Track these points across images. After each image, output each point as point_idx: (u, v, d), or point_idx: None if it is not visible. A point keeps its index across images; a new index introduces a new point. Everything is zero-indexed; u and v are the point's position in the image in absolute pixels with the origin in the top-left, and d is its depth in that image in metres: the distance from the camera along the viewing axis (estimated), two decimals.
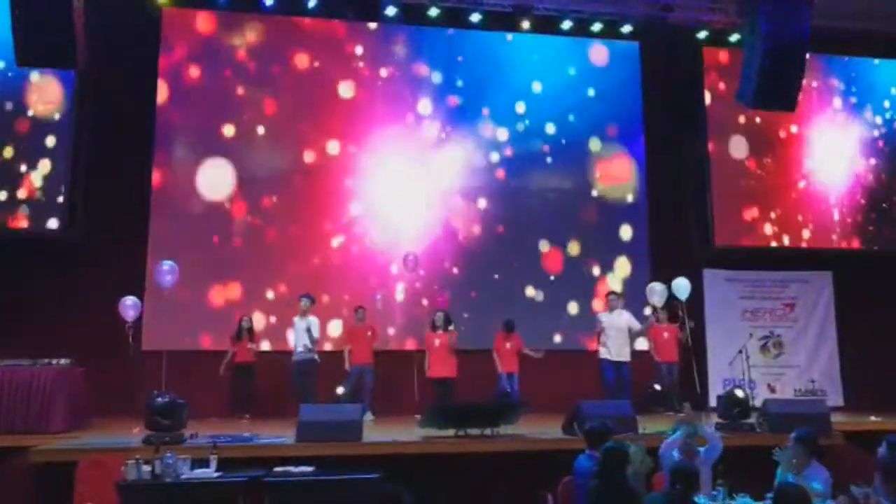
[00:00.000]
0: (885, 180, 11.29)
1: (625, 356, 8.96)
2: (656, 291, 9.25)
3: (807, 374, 10.56)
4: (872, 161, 11.30)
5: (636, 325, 9.08)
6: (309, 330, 8.60)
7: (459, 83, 10.55)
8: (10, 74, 8.96)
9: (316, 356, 8.66)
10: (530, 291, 10.29)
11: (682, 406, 5.80)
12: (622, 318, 9.07)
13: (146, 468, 5.08)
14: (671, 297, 9.33)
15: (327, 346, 9.31)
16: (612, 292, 9.39)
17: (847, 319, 10.70)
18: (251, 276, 9.66)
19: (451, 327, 8.95)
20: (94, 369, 8.00)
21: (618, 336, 8.96)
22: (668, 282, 9.39)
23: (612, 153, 10.80)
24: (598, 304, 10.15)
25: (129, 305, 8.32)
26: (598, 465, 4.28)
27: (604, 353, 8.98)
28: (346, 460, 6.00)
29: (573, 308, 10.30)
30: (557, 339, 10.16)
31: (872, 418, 8.36)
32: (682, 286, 9.23)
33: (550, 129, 10.66)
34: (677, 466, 4.13)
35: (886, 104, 11.49)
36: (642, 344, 9.44)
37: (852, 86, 11.44)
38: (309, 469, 5.54)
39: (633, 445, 4.57)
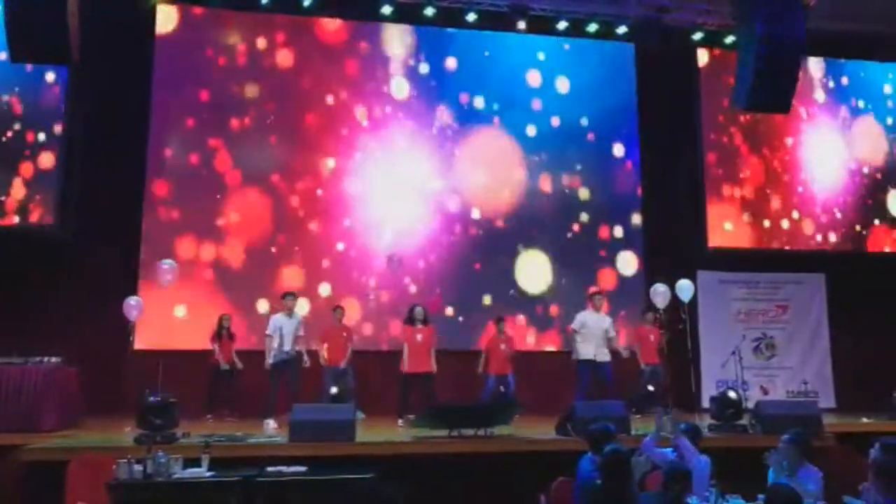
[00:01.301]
0: (880, 182, 11.34)
1: (604, 356, 8.94)
2: (659, 293, 9.25)
3: (799, 376, 10.59)
4: (867, 162, 11.35)
5: (612, 334, 9.02)
6: (297, 328, 8.52)
7: (456, 83, 10.54)
8: None
9: (296, 355, 8.52)
10: (520, 292, 10.29)
11: (670, 410, 5.80)
12: (605, 321, 9.05)
13: (138, 467, 5.04)
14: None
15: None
16: (598, 293, 9.38)
17: (839, 321, 10.74)
18: (243, 275, 9.63)
19: (429, 323, 8.79)
20: (85, 368, 7.95)
21: (598, 336, 8.94)
22: (663, 283, 9.40)
23: (607, 154, 10.80)
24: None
25: (132, 305, 8.27)
26: (600, 469, 4.26)
27: (582, 354, 8.91)
28: (339, 460, 5.98)
29: (565, 310, 10.28)
30: (548, 340, 10.19)
31: (864, 420, 8.39)
32: (684, 288, 9.24)
33: (544, 129, 10.66)
34: (672, 468, 4.12)
35: (880, 106, 11.54)
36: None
37: (846, 88, 11.50)
38: (302, 469, 5.52)
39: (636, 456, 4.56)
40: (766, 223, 10.90)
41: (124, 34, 9.44)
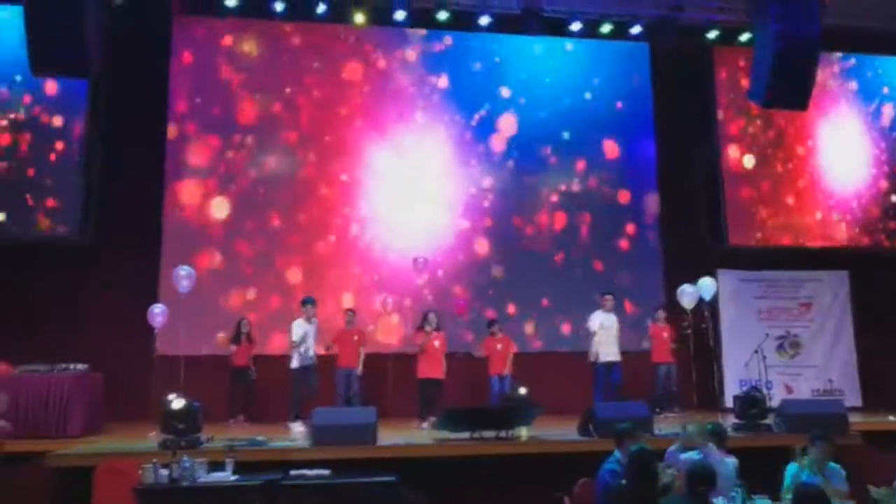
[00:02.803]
0: None
1: (616, 356, 9.01)
2: (687, 293, 9.21)
3: (824, 374, 10.45)
4: (886, 158, 11.22)
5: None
6: (317, 332, 8.61)
7: (471, 85, 10.56)
8: (18, 79, 9.09)
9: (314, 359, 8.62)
10: (538, 293, 10.26)
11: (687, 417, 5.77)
12: (616, 320, 9.13)
13: (164, 472, 5.10)
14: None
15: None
16: (610, 293, 9.38)
17: (864, 318, 10.60)
18: (263, 280, 9.71)
19: (441, 329, 8.86)
20: (108, 374, 8.05)
21: (611, 336, 9.03)
22: (683, 282, 9.36)
23: (624, 154, 10.78)
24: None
25: (157, 313, 8.36)
26: (627, 467, 4.27)
27: (603, 356, 8.99)
28: (361, 463, 6.01)
29: (580, 310, 10.23)
30: (563, 340, 10.17)
31: (891, 418, 8.28)
32: (706, 286, 9.21)
33: (561, 130, 10.64)
34: (695, 467, 4.09)
35: None
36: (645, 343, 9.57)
37: (865, 83, 11.36)
38: (325, 472, 5.55)
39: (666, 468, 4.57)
40: (787, 220, 10.78)
41: (143, 44, 9.56)
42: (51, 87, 9.23)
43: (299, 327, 8.58)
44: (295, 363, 8.52)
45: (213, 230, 9.72)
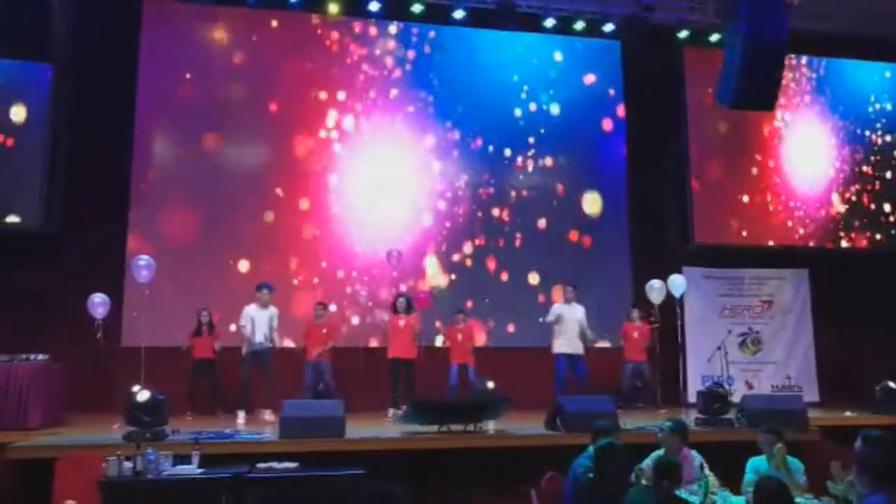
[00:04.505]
0: (862, 179, 11.49)
1: (579, 349, 8.98)
2: (655, 288, 9.32)
3: (784, 371, 10.69)
4: (849, 160, 11.50)
5: (584, 324, 9.05)
6: (271, 319, 8.46)
7: (440, 80, 10.55)
8: None
9: (270, 346, 8.44)
10: (505, 288, 10.32)
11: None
12: (578, 312, 9.09)
13: (127, 465, 5.03)
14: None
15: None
16: (570, 285, 9.37)
17: (823, 316, 10.85)
18: (230, 272, 9.60)
19: (412, 312, 8.90)
20: (71, 365, 7.89)
21: (573, 328, 8.98)
22: (648, 279, 9.49)
23: (594, 151, 10.86)
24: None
25: (97, 303, 8.18)
26: (595, 459, 4.34)
27: (557, 347, 8.96)
28: (328, 456, 5.99)
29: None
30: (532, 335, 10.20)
31: (847, 413, 8.50)
32: (677, 283, 9.33)
33: (534, 127, 10.70)
34: (661, 460, 4.17)
35: (862, 104, 11.69)
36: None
37: (830, 86, 11.62)
38: (292, 465, 5.53)
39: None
40: (751, 219, 11.00)
41: (110, 29, 9.35)
42: (13, 74, 8.97)
43: (247, 312, 8.37)
44: (244, 350, 8.38)
45: (181, 222, 9.54)
